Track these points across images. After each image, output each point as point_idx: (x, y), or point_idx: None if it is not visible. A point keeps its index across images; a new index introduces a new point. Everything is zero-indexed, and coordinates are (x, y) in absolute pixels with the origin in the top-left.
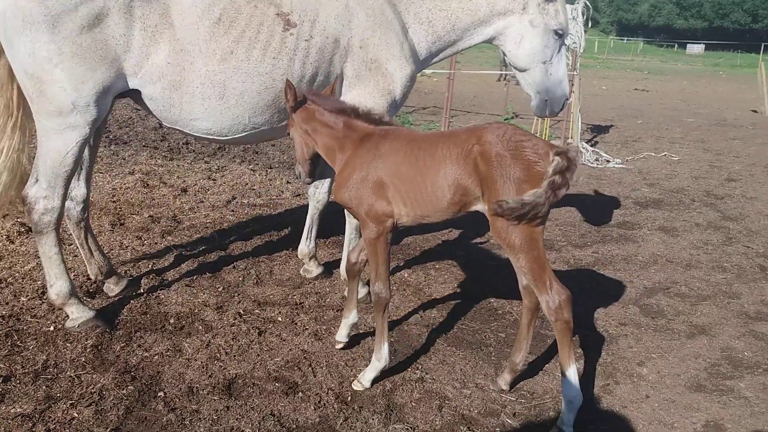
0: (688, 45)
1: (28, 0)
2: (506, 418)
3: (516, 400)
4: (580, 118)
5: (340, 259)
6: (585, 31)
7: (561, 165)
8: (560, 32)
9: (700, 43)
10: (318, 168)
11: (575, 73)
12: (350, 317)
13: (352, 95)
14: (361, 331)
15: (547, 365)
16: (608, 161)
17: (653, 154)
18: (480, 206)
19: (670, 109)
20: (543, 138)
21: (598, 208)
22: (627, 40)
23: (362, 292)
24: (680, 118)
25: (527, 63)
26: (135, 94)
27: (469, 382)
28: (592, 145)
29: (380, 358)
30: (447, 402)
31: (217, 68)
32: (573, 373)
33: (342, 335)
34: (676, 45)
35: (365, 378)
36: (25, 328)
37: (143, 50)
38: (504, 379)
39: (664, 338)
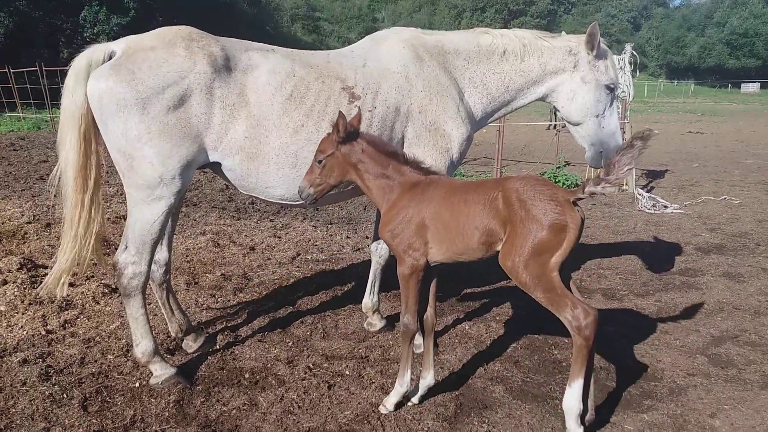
0: (743, 84)
1: (122, 85)
2: None
3: None
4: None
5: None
6: (633, 77)
7: (597, 180)
8: (611, 87)
9: (756, 82)
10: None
11: (626, 120)
12: (428, 378)
13: (413, 154)
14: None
15: (615, 417)
16: (666, 207)
17: (712, 197)
18: (500, 246)
19: (727, 150)
20: None
21: (658, 256)
22: (677, 82)
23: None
24: (738, 159)
25: (580, 117)
26: (215, 166)
27: None
28: (648, 191)
29: (403, 384)
30: None
31: (290, 140)
32: (577, 387)
33: (416, 397)
34: (729, 85)
35: (389, 402)
36: (113, 384)
37: (223, 126)
38: None
39: (736, 389)
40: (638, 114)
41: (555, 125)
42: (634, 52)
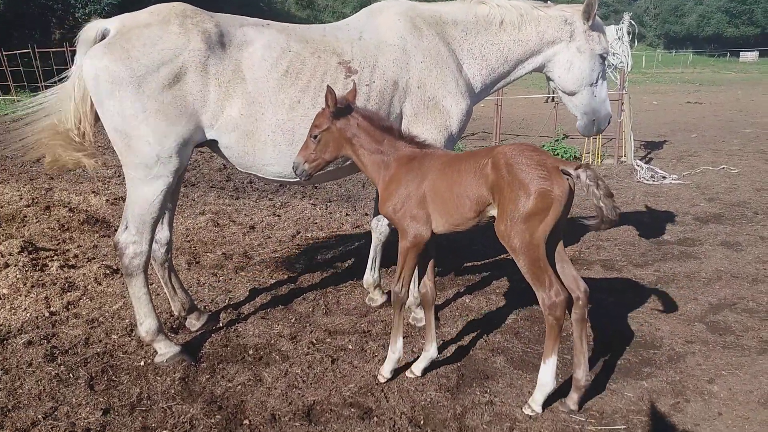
0: (741, 53)
1: (117, 64)
2: None
3: (586, 420)
4: (632, 135)
5: None
6: (632, 47)
7: (591, 174)
8: (605, 56)
9: (754, 51)
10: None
11: (624, 92)
12: (430, 351)
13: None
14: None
15: (615, 385)
16: (664, 177)
17: (711, 167)
18: (494, 211)
19: (726, 120)
20: (596, 155)
21: (657, 226)
22: (675, 52)
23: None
24: (737, 129)
25: (576, 87)
26: (212, 144)
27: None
28: (646, 162)
29: (395, 350)
30: (518, 424)
31: (286, 117)
32: (552, 364)
33: (418, 368)
34: (728, 54)
35: (385, 370)
36: (118, 363)
37: (219, 104)
38: (572, 399)
39: (733, 355)
40: (636, 85)
41: (553, 98)
42: (633, 22)
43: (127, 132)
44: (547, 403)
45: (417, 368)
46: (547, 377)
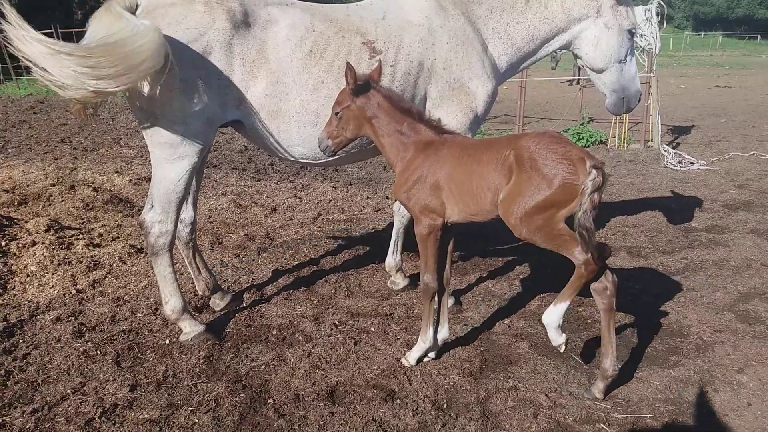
0: None
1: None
2: (603, 425)
3: (611, 408)
4: (660, 120)
5: None
6: (660, 29)
7: (598, 181)
8: (633, 31)
9: None
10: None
11: (652, 74)
12: (443, 332)
13: (436, 115)
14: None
15: (641, 373)
16: (692, 163)
17: (740, 153)
18: None
19: (756, 104)
20: (623, 140)
21: (684, 213)
22: (704, 34)
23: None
24: None
25: (604, 63)
26: (236, 124)
27: (563, 391)
28: (674, 148)
29: (426, 340)
30: (541, 410)
31: (310, 97)
32: (562, 307)
33: (433, 351)
34: (759, 36)
35: (412, 356)
36: (144, 341)
37: (243, 84)
38: (597, 387)
39: (763, 345)
40: (664, 68)
41: (578, 80)
42: (662, 2)
43: (152, 112)
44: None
45: (432, 351)
46: (551, 317)
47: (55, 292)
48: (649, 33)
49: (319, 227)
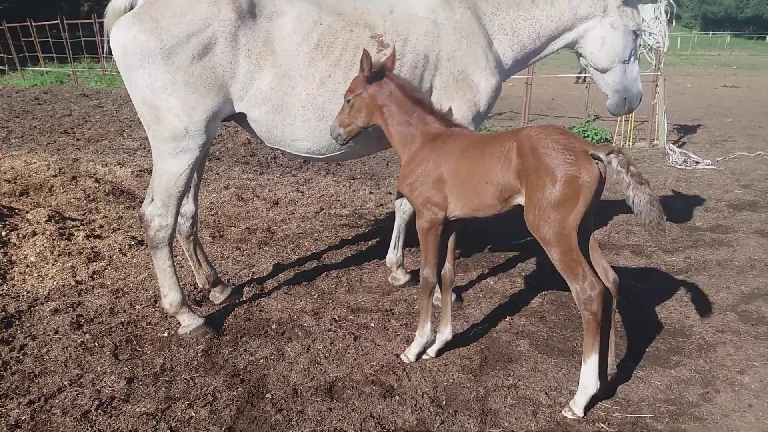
0: None
1: (146, 35)
2: (602, 424)
3: (611, 407)
4: (666, 118)
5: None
6: (668, 27)
7: (622, 159)
8: (638, 32)
9: None
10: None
11: (659, 73)
12: (445, 333)
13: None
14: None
15: (642, 372)
16: (697, 162)
17: (746, 153)
18: (521, 199)
19: (764, 105)
20: (628, 138)
21: (688, 212)
22: (712, 34)
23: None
24: None
25: (609, 63)
26: (240, 118)
27: (562, 389)
28: (679, 146)
29: (423, 335)
30: (541, 408)
31: (317, 92)
32: (593, 362)
33: (433, 350)
34: None
35: (411, 352)
36: (142, 334)
37: (248, 76)
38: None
39: (766, 346)
40: (671, 67)
41: (584, 78)
42: (671, 1)
43: (155, 104)
44: (590, 406)
45: (432, 350)
46: (589, 378)
47: (55, 283)
48: (657, 31)
49: (321, 221)
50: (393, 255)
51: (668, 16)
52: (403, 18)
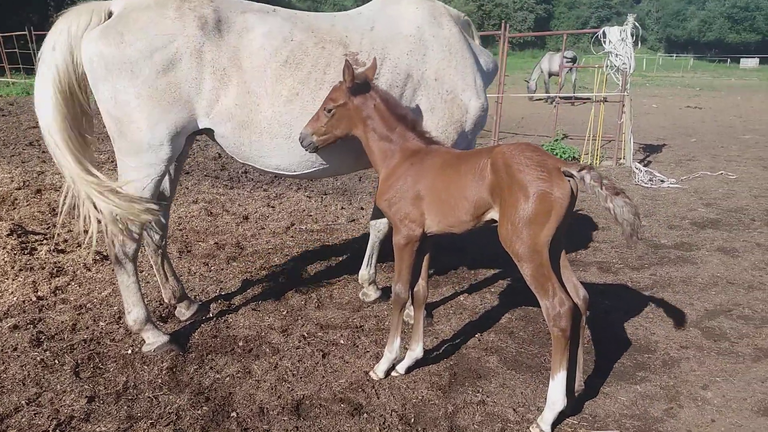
0: (742, 59)
1: (110, 48)
2: None
3: (578, 423)
4: (632, 138)
5: None
6: (634, 49)
7: (594, 174)
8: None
9: (755, 57)
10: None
11: (626, 93)
12: (416, 350)
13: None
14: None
15: (609, 388)
16: (662, 181)
17: (709, 173)
18: (495, 214)
19: (725, 126)
20: (595, 156)
21: (654, 229)
22: (676, 56)
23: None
24: (736, 135)
25: None
26: (209, 133)
27: (530, 405)
28: (645, 165)
29: (392, 350)
30: (509, 425)
31: (283, 109)
32: (561, 379)
33: (403, 367)
34: (729, 60)
35: (379, 369)
36: (105, 351)
37: (214, 92)
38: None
39: (728, 361)
40: (637, 87)
41: (554, 99)
42: (637, 24)
43: (119, 118)
44: (557, 422)
45: (401, 367)
46: (557, 394)
47: (15, 298)
48: (624, 53)
49: (292, 237)
50: (366, 271)
51: (634, 38)
52: (384, 36)
